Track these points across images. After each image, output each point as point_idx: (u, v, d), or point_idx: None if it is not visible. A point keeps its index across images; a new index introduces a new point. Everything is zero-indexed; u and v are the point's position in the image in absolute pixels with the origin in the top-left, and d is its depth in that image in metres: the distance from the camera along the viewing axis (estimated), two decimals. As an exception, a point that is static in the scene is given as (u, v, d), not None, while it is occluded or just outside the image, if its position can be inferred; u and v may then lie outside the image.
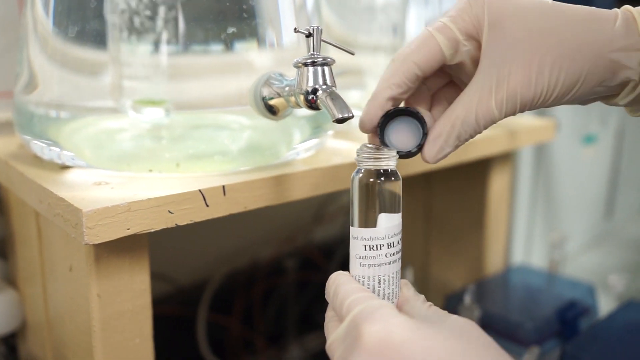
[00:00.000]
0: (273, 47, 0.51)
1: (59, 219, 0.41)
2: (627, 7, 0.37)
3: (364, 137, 0.39)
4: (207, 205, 0.43)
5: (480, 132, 0.38)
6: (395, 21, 0.62)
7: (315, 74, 0.40)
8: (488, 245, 0.79)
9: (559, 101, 0.37)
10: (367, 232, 0.36)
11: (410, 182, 0.81)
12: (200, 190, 0.43)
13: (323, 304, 0.38)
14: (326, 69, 0.41)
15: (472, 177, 0.78)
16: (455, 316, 0.34)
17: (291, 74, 0.42)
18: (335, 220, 0.97)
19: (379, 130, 0.37)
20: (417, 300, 0.36)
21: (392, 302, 0.37)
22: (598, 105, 1.12)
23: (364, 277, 0.36)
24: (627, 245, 1.21)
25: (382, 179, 0.36)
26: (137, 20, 0.46)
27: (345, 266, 0.38)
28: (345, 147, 0.58)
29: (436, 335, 0.31)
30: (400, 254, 0.38)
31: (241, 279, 0.86)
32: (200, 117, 0.52)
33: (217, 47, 0.48)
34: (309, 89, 0.40)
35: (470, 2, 0.36)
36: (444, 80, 0.40)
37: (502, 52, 0.36)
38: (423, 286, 0.87)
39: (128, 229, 0.40)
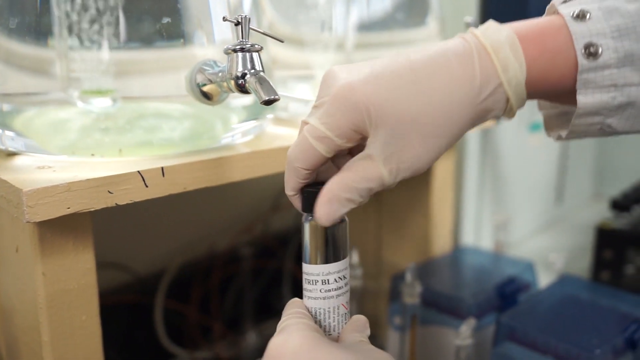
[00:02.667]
0: (209, 43, 0.53)
1: (2, 200, 0.43)
2: (476, 34, 0.39)
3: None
4: (147, 186, 0.46)
5: (368, 195, 0.39)
6: (324, 17, 0.65)
7: (244, 59, 0.43)
8: (434, 228, 0.83)
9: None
10: (305, 267, 0.41)
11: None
12: (139, 172, 0.45)
13: (279, 290, 0.42)
14: (254, 54, 0.44)
15: (416, 163, 0.82)
16: (376, 349, 0.38)
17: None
18: (292, 210, 0.99)
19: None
20: (353, 336, 0.40)
21: (331, 334, 0.41)
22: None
23: (306, 307, 0.41)
24: (576, 229, 1.26)
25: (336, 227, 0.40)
26: (82, 18, 0.48)
27: (300, 253, 0.42)
28: (286, 132, 0.61)
29: (332, 351, 0.36)
30: (340, 291, 0.41)
31: (199, 268, 0.88)
32: (143, 106, 0.55)
33: (158, 43, 0.51)
34: (239, 74, 0.43)
35: (346, 105, 0.38)
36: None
37: (393, 151, 0.38)
38: (376, 270, 0.90)
39: (68, 207, 0.42)
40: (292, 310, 0.40)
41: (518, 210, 1.15)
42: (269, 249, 0.94)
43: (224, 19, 0.44)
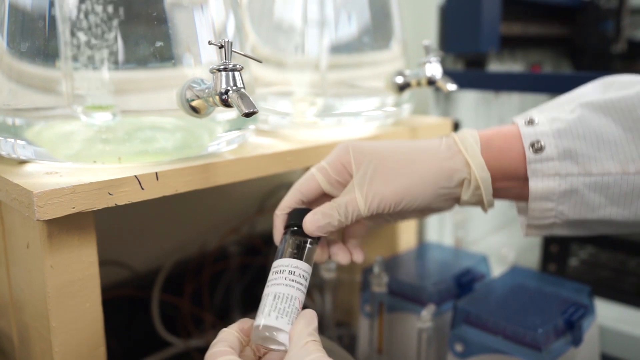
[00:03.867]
0: (197, 64, 0.55)
1: (15, 202, 0.44)
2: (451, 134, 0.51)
3: (287, 135, 0.53)
4: (143, 189, 0.48)
5: (350, 218, 0.48)
6: (300, 41, 0.68)
7: (227, 77, 0.46)
8: (401, 227, 0.85)
9: (411, 206, 0.48)
10: (277, 261, 0.46)
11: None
12: (136, 176, 0.47)
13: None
14: (236, 73, 0.46)
15: (384, 169, 0.84)
16: (316, 352, 0.38)
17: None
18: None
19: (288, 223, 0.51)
20: (302, 337, 0.40)
21: (282, 318, 0.41)
22: (497, 108, 1.20)
23: (265, 295, 0.43)
24: (529, 227, 1.30)
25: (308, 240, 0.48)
26: (85, 43, 0.50)
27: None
28: (267, 142, 0.63)
29: None
30: (300, 287, 0.44)
31: (191, 265, 0.90)
32: (140, 120, 0.57)
33: (152, 64, 0.53)
34: (222, 90, 0.46)
35: (339, 149, 0.50)
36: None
37: (367, 180, 0.48)
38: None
39: (73, 207, 0.44)
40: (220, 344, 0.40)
41: (477, 211, 1.18)
42: (255, 248, 0.96)
43: (210, 43, 0.46)
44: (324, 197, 0.51)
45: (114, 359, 0.81)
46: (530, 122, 0.47)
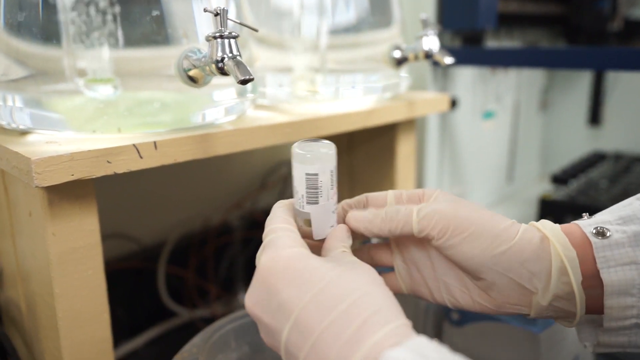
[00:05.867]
0: (194, 42, 0.53)
1: (15, 170, 0.43)
2: (538, 226, 0.38)
3: (286, 110, 0.44)
4: (141, 157, 0.46)
5: (397, 225, 0.38)
6: (299, 22, 0.66)
7: (222, 45, 0.44)
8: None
9: (472, 247, 0.37)
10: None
11: (337, 150, 0.86)
12: (134, 145, 0.46)
13: None
14: (232, 41, 0.44)
15: (383, 143, 0.83)
16: (357, 260, 0.35)
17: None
18: (277, 188, 1.00)
19: None
20: (336, 246, 0.37)
21: (330, 201, 0.37)
22: (494, 85, 1.18)
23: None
24: (524, 203, 1.28)
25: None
26: (88, 22, 0.48)
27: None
28: (265, 115, 0.61)
29: (319, 266, 0.33)
30: (333, 198, 0.39)
31: (196, 238, 0.89)
32: (140, 94, 0.55)
33: (151, 41, 0.51)
34: (218, 58, 0.44)
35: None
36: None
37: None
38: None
39: (72, 174, 0.42)
40: (279, 218, 0.37)
41: (474, 187, 1.16)
42: (257, 222, 0.95)
43: (205, 10, 0.44)
44: None
45: (121, 328, 0.81)
46: (587, 216, 0.38)
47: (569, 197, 0.97)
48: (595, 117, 1.38)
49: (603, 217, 0.37)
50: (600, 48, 0.73)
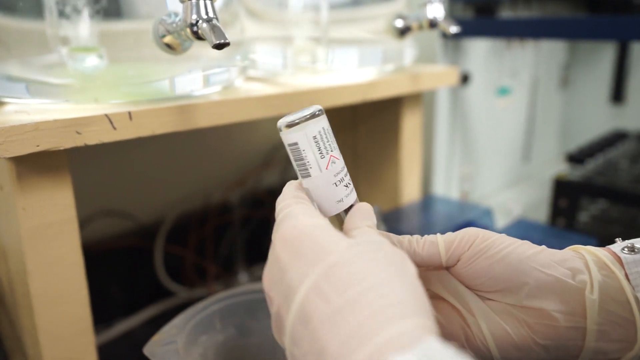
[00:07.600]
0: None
1: (-21, 140, 0.41)
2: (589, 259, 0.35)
3: (283, 83, 0.41)
4: (115, 128, 0.44)
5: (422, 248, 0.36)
6: None
7: (197, 7, 0.41)
8: (403, 178, 0.80)
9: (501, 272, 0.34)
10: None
11: (339, 127, 0.82)
12: (106, 115, 0.43)
13: (267, 236, 0.37)
14: (207, 2, 0.41)
15: (387, 118, 0.79)
16: (385, 240, 0.30)
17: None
18: (279, 166, 0.97)
19: None
20: (360, 228, 0.32)
21: (325, 171, 0.34)
22: (509, 59, 1.12)
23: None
24: (541, 184, 1.23)
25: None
26: None
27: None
28: (256, 87, 0.58)
29: (339, 237, 0.29)
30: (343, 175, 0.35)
31: (195, 217, 0.87)
32: (122, 65, 0.52)
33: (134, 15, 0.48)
34: (193, 21, 0.41)
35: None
36: None
37: None
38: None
39: (37, 145, 0.40)
40: (293, 194, 0.33)
41: (487, 167, 1.12)
42: (260, 200, 0.93)
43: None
44: None
45: (118, 307, 0.80)
46: (620, 240, 0.36)
47: (585, 178, 0.92)
48: (618, 94, 1.31)
49: (633, 240, 0.35)
50: (625, 17, 0.67)
